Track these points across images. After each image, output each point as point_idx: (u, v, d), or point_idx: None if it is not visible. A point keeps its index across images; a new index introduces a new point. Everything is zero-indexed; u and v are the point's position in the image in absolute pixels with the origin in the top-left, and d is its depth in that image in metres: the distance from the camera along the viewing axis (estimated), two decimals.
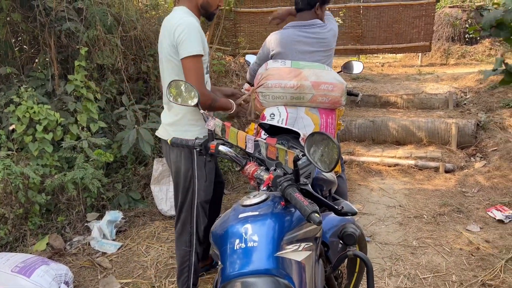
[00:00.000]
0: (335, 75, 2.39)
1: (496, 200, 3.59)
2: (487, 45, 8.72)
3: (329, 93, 2.34)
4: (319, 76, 2.30)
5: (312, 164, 1.14)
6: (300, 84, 2.32)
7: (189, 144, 1.65)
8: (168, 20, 1.96)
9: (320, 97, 2.34)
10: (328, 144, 1.10)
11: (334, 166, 1.07)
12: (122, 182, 3.76)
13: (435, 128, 4.80)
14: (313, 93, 2.32)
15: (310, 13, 2.63)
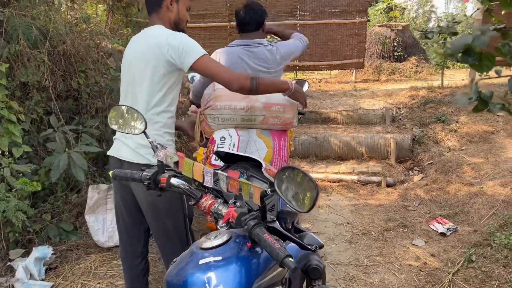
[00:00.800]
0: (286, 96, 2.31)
1: (436, 213, 3.72)
2: (414, 62, 9.32)
3: (280, 114, 2.25)
4: (269, 97, 2.21)
5: (286, 203, 1.01)
6: (250, 105, 2.20)
7: (135, 177, 1.45)
8: (153, 35, 1.79)
9: (272, 118, 2.25)
10: (303, 180, 0.97)
11: (312, 206, 0.95)
12: (52, 212, 3.37)
13: (374, 143, 4.94)
14: (264, 114, 2.22)
15: (257, 33, 2.59)
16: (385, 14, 12.95)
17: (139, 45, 1.83)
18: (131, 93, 1.85)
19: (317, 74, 10.26)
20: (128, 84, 1.86)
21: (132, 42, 1.91)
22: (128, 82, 1.87)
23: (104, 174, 3.89)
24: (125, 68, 1.89)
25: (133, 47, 1.87)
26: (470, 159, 4.40)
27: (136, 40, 1.88)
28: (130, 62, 1.84)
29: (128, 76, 1.86)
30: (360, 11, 8.06)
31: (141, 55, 1.79)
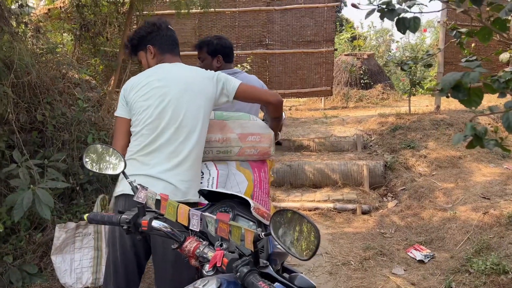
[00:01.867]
0: (261, 125, 2.27)
1: (413, 240, 3.73)
2: (380, 89, 9.61)
3: (257, 144, 2.20)
4: (244, 127, 2.15)
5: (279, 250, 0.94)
6: (225, 137, 2.14)
7: (113, 221, 1.35)
8: (192, 69, 1.93)
9: (248, 149, 2.18)
10: (301, 224, 0.92)
11: (313, 253, 0.89)
12: (14, 254, 3.14)
13: (348, 170, 4.97)
14: (240, 145, 2.15)
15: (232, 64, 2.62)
16: (349, 43, 13.43)
17: (189, 76, 1.85)
18: (177, 127, 1.77)
19: (286, 102, 10.39)
20: (171, 118, 1.77)
21: (159, 74, 1.86)
22: (171, 115, 1.78)
23: (71, 210, 3.69)
24: (162, 101, 1.79)
25: (168, 79, 1.83)
26: (441, 184, 4.49)
27: (168, 70, 1.87)
28: (191, 88, 1.83)
29: (169, 108, 1.78)
30: (327, 40, 8.30)
31: (187, 87, 1.81)
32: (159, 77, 1.83)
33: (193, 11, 5.97)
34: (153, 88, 1.81)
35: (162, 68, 1.88)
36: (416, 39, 12.97)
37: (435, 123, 5.82)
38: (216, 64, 2.58)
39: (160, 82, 1.81)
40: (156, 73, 1.85)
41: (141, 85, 1.83)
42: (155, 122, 1.76)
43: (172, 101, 1.78)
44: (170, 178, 1.71)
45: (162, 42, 1.94)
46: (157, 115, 1.76)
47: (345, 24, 15.84)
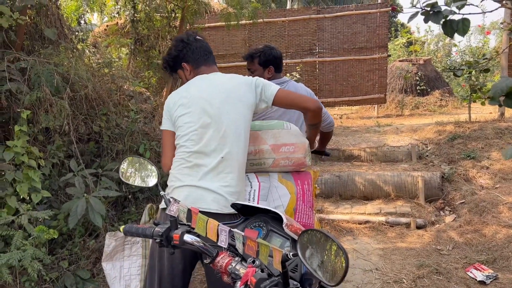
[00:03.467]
0: (295, 133, 2.16)
1: (473, 258, 3.45)
2: (438, 96, 9.13)
3: (291, 155, 2.10)
4: (277, 138, 2.07)
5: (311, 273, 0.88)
6: (258, 149, 2.09)
7: (146, 233, 1.35)
8: (229, 77, 1.93)
9: (282, 160, 2.09)
10: (331, 247, 0.85)
11: (342, 279, 0.82)
12: (69, 259, 3.29)
13: (401, 182, 4.73)
14: (274, 157, 2.06)
15: (281, 74, 2.63)
16: (405, 49, 12.94)
17: (229, 84, 1.85)
18: (221, 137, 1.76)
19: (337, 110, 10.18)
20: (215, 129, 1.77)
21: (198, 85, 1.87)
22: (214, 125, 1.77)
23: (123, 218, 3.83)
24: (203, 112, 1.79)
25: (208, 89, 1.84)
26: (506, 198, 4.13)
27: (207, 80, 1.88)
28: (231, 95, 1.83)
29: (211, 119, 1.78)
30: (380, 46, 8.05)
31: (227, 96, 1.81)
32: (198, 89, 1.84)
33: (243, 22, 6.04)
34: (194, 100, 1.80)
35: (200, 79, 1.89)
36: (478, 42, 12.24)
37: (499, 132, 5.39)
38: (267, 75, 2.57)
39: (200, 93, 1.81)
40: (195, 85, 1.86)
41: (182, 98, 1.84)
42: (198, 134, 1.75)
43: (214, 111, 1.77)
44: (219, 190, 1.69)
45: (194, 57, 1.94)
46: (200, 126, 1.76)
47: (400, 29, 15.31)
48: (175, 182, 1.71)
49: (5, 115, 3.49)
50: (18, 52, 3.35)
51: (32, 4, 3.43)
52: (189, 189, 1.67)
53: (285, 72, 7.89)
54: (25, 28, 3.58)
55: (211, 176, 1.71)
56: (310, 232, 0.91)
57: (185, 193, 1.67)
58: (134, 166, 1.41)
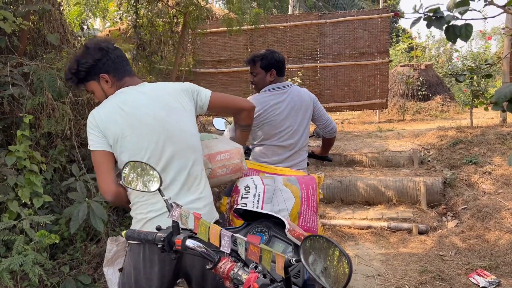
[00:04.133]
0: (226, 141, 2.13)
1: (475, 264, 3.43)
2: (439, 101, 9.13)
3: (227, 162, 2.04)
4: (211, 147, 2.01)
5: (314, 278, 0.87)
6: None
7: (148, 239, 1.35)
8: (163, 87, 1.76)
9: (220, 169, 2.02)
10: (333, 253, 0.85)
11: (345, 285, 0.81)
12: (70, 264, 3.28)
13: (403, 187, 4.72)
14: (210, 167, 1.99)
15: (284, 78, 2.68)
16: (406, 54, 12.96)
17: (165, 93, 1.70)
18: (178, 151, 1.66)
19: (339, 115, 10.18)
20: (170, 145, 1.65)
21: (136, 100, 1.67)
22: (168, 142, 1.65)
23: (125, 222, 3.82)
24: (150, 125, 1.63)
25: (148, 104, 1.66)
26: (508, 204, 4.11)
27: (142, 94, 1.68)
28: (171, 103, 1.69)
29: (163, 135, 1.64)
30: (381, 52, 8.06)
31: (170, 107, 1.68)
32: (138, 104, 1.64)
33: (244, 27, 6.06)
34: (138, 117, 1.62)
35: (136, 92, 1.68)
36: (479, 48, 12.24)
37: (501, 137, 5.38)
38: (269, 78, 2.58)
39: (142, 109, 1.63)
40: (133, 100, 1.65)
41: (120, 117, 1.61)
42: (155, 155, 1.62)
43: (164, 126, 1.63)
44: (193, 204, 1.66)
45: (116, 67, 1.70)
46: (154, 146, 1.62)
47: (401, 34, 15.34)
48: (149, 213, 1.61)
49: (7, 120, 3.50)
50: (20, 57, 3.37)
51: (35, 9, 3.45)
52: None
53: (287, 77, 7.88)
54: (28, 33, 3.59)
55: (185, 194, 1.65)
56: (313, 238, 0.90)
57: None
58: (136, 171, 1.41)
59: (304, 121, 2.57)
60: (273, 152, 2.52)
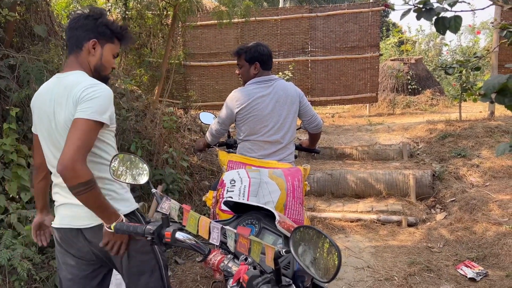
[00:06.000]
0: None
1: (463, 255, 3.48)
2: (429, 95, 9.20)
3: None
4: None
5: (304, 269, 0.88)
6: None
7: (137, 231, 1.34)
8: (70, 83, 1.53)
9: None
10: (323, 244, 0.85)
11: (334, 275, 0.81)
12: None
13: (393, 180, 4.75)
14: None
15: (270, 71, 2.62)
16: (396, 48, 13.01)
17: (57, 93, 1.55)
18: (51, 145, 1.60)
19: (329, 109, 10.21)
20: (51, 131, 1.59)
21: (43, 92, 1.63)
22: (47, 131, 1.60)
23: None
24: (43, 123, 1.60)
25: (48, 97, 1.58)
26: (495, 196, 4.17)
27: (50, 89, 1.60)
28: (55, 108, 1.55)
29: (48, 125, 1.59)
30: (372, 45, 8.07)
31: (49, 108, 1.56)
32: (38, 104, 1.66)
33: (235, 20, 6.02)
34: (39, 117, 1.64)
35: (46, 88, 1.66)
36: (468, 42, 12.34)
37: (489, 130, 5.45)
38: (253, 71, 2.57)
39: (40, 111, 1.64)
40: (42, 92, 1.67)
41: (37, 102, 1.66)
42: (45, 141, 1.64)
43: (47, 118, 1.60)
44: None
45: (68, 41, 1.71)
46: (43, 134, 1.65)
47: (392, 28, 15.38)
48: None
49: None
50: (7, 49, 3.31)
51: (21, 0, 3.38)
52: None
53: (277, 70, 7.88)
54: (14, 25, 3.53)
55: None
56: (303, 229, 0.90)
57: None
58: (125, 163, 1.39)
59: (290, 116, 2.55)
60: (259, 147, 2.51)
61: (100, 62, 1.66)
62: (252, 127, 2.48)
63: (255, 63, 2.55)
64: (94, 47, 1.63)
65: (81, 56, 1.63)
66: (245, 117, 2.48)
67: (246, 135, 2.52)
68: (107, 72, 1.72)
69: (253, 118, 2.47)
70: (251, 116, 2.47)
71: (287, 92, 2.55)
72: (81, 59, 1.63)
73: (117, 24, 1.71)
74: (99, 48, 1.65)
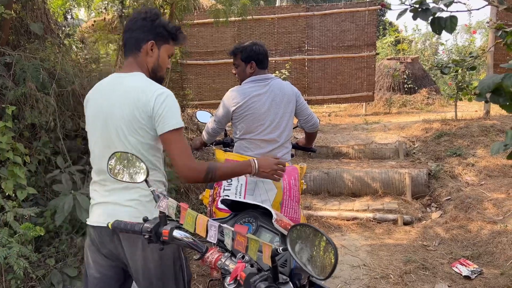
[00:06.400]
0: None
1: (458, 254, 3.51)
2: (425, 94, 9.24)
3: None
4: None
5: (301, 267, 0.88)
6: None
7: (135, 229, 1.34)
8: (133, 86, 1.58)
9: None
10: (320, 241, 0.86)
11: (331, 273, 0.82)
12: (56, 257, 3.25)
13: (389, 179, 4.78)
14: None
15: (266, 70, 2.60)
16: (393, 47, 13.04)
17: (122, 95, 1.58)
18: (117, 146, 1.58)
19: (326, 108, 10.23)
20: (109, 131, 1.60)
21: (101, 89, 1.67)
22: (103, 137, 1.62)
23: None
24: (98, 121, 1.63)
25: (120, 96, 1.60)
26: (490, 195, 4.20)
27: (109, 88, 1.64)
28: (114, 109, 1.59)
29: (106, 123, 1.61)
30: (369, 44, 8.09)
31: (111, 106, 1.59)
32: (102, 95, 1.69)
33: (232, 19, 6.01)
34: (98, 105, 1.68)
35: (106, 85, 1.70)
36: (464, 41, 12.39)
37: (484, 130, 5.48)
38: (249, 70, 2.57)
39: (101, 99, 1.67)
40: (102, 89, 1.71)
41: (92, 101, 1.73)
42: (100, 142, 1.66)
43: (113, 120, 1.60)
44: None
45: (124, 43, 1.76)
46: (98, 135, 1.67)
47: (388, 27, 15.42)
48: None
49: None
50: (3, 47, 3.29)
51: None
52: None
53: (274, 69, 7.89)
54: (10, 22, 3.51)
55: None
56: (299, 227, 0.91)
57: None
58: (122, 162, 1.40)
59: (286, 114, 2.56)
60: (256, 146, 2.51)
61: (157, 63, 1.71)
62: (249, 125, 2.49)
63: (251, 62, 2.55)
64: (152, 48, 1.67)
65: (139, 57, 1.67)
66: (242, 116, 2.48)
67: (243, 134, 2.52)
68: (163, 72, 1.77)
69: (249, 117, 2.47)
70: (248, 115, 2.47)
71: (284, 91, 2.55)
72: (139, 60, 1.67)
73: (173, 25, 1.75)
74: (156, 49, 1.68)
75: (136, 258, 1.59)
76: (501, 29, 1.82)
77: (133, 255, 1.59)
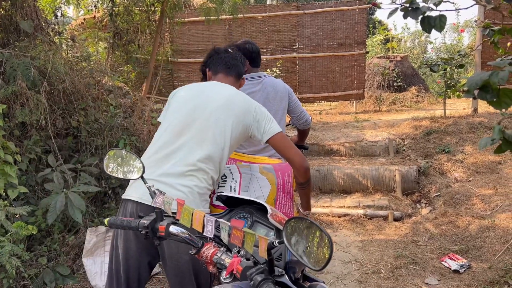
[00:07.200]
0: None
1: (447, 248, 3.57)
2: (414, 92, 9.34)
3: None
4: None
5: (297, 259, 0.91)
6: None
7: (131, 225, 1.36)
8: (235, 91, 1.92)
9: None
10: (315, 233, 0.88)
11: (326, 264, 0.85)
12: (48, 256, 3.24)
13: (379, 176, 4.83)
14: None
15: (258, 69, 2.63)
16: (382, 46, 13.14)
17: (219, 94, 1.85)
18: (193, 135, 1.72)
19: (317, 106, 10.29)
20: (191, 127, 1.74)
21: (203, 89, 1.90)
22: (194, 124, 1.75)
23: (103, 213, 3.78)
24: (194, 110, 1.78)
25: (209, 93, 1.86)
26: (478, 191, 4.28)
27: (208, 89, 1.89)
28: (206, 106, 1.79)
29: (197, 118, 1.76)
30: (359, 43, 8.16)
31: (224, 104, 1.79)
32: (201, 89, 1.89)
33: (223, 17, 6.02)
34: (190, 96, 1.86)
35: (209, 83, 1.96)
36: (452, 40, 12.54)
37: (472, 127, 5.58)
38: None
39: (198, 92, 1.87)
40: (201, 85, 1.93)
41: (182, 92, 1.91)
42: (177, 127, 1.73)
43: (203, 112, 1.77)
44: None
45: (215, 64, 2.06)
46: (180, 120, 1.75)
47: (378, 26, 15.52)
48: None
49: None
50: None
51: None
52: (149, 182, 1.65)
53: (265, 67, 7.91)
54: None
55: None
56: (295, 220, 0.94)
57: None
58: (118, 159, 1.41)
59: (279, 112, 2.58)
60: (250, 143, 2.53)
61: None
62: None
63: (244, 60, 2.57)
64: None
65: (235, 82, 2.08)
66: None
67: None
68: None
69: None
70: None
71: (276, 88, 2.57)
72: (234, 83, 2.05)
73: None
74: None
75: (171, 245, 1.60)
76: (489, 28, 1.87)
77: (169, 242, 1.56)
